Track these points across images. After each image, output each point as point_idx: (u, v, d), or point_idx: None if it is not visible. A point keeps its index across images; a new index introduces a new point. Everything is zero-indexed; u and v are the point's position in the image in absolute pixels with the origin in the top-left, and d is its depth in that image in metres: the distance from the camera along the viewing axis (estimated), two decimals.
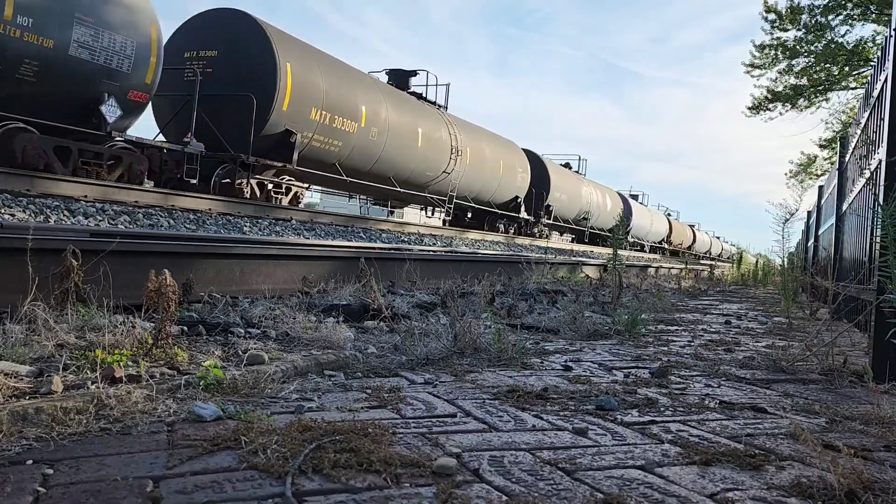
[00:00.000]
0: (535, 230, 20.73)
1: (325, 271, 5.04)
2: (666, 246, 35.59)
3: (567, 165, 25.27)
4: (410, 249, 7.19)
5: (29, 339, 2.26)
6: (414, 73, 15.76)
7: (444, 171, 15.23)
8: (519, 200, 19.28)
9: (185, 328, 2.92)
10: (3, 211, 5.54)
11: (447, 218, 17.33)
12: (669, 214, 40.65)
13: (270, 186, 11.24)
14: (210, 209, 8.63)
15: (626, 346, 3.55)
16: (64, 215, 6.11)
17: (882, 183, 2.92)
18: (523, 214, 19.45)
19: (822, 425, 2.00)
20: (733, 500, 1.32)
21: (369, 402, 1.96)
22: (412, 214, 22.11)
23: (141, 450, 1.43)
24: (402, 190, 14.16)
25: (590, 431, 1.77)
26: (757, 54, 22.04)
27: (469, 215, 18.43)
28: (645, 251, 30.92)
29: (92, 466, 1.32)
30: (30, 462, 1.33)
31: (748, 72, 22.48)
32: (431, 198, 15.66)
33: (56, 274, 2.77)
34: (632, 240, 29.54)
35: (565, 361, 2.91)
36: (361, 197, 16.03)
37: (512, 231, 19.38)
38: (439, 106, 16.20)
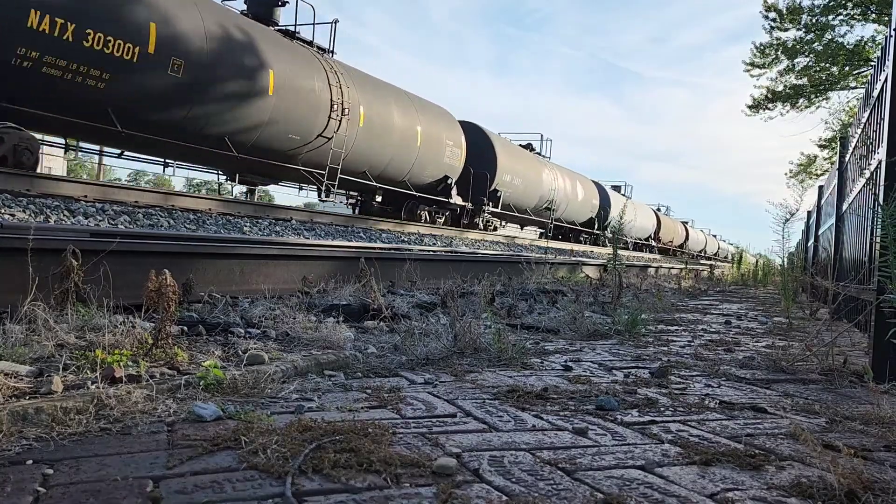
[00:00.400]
0: (478, 220, 16.80)
1: (325, 271, 5.04)
2: (654, 243, 32.99)
3: (529, 147, 21.24)
4: (410, 249, 7.19)
5: (29, 339, 2.26)
6: (281, 1, 11.36)
7: (320, 135, 10.96)
8: (450, 182, 14.98)
9: (185, 328, 2.92)
10: (3, 211, 5.54)
11: (348, 202, 14.20)
12: (658, 209, 37.58)
13: None
14: (210, 209, 8.63)
15: (626, 346, 3.55)
16: (64, 215, 6.11)
17: (882, 183, 2.91)
18: (456, 200, 15.36)
19: (822, 425, 2.00)
20: (733, 500, 1.32)
21: (369, 402, 1.96)
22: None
23: (141, 450, 1.43)
24: (244, 156, 9.88)
25: (590, 431, 1.77)
26: (757, 53, 22.06)
27: (378, 198, 14.11)
28: (628, 248, 28.44)
29: (92, 466, 1.32)
30: (30, 462, 1.33)
31: (748, 70, 22.49)
32: (305, 171, 11.25)
33: (56, 274, 2.77)
34: (611, 234, 26.88)
35: (565, 361, 2.91)
36: (221, 171, 11.11)
37: (441, 221, 15.59)
38: (321, 49, 11.75)
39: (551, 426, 1.81)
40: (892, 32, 3.15)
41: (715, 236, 55.14)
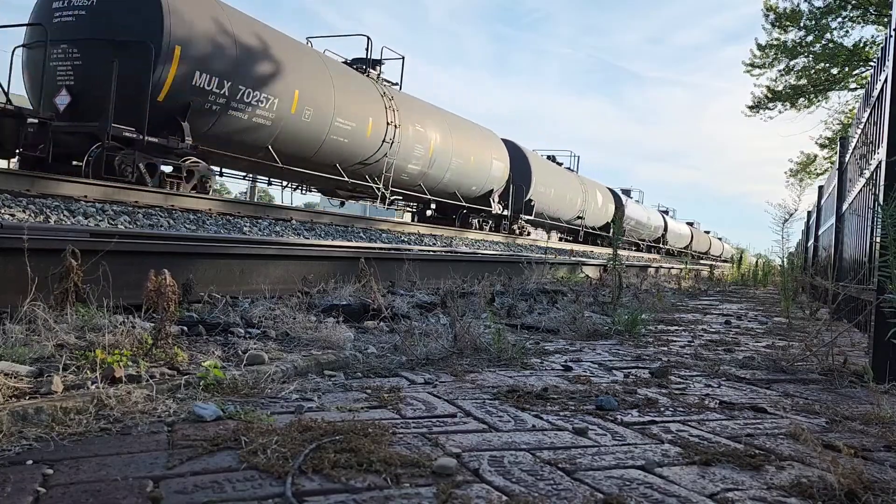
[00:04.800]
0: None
1: (325, 271, 5.04)
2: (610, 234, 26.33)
3: (359, 66, 13.04)
4: (410, 249, 7.19)
5: (29, 339, 2.26)
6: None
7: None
8: None
9: (185, 328, 2.92)
10: (3, 211, 5.53)
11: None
12: (629, 193, 29.74)
13: None
14: (210, 209, 8.62)
15: (626, 346, 3.55)
16: (64, 215, 6.10)
17: (882, 183, 2.92)
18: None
19: (822, 425, 2.00)
20: (733, 500, 1.32)
21: (369, 402, 1.96)
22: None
23: (141, 450, 1.43)
24: None
25: (590, 431, 1.77)
26: (757, 54, 22.11)
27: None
28: (578, 239, 22.59)
29: (92, 466, 1.32)
30: (30, 462, 1.33)
31: (748, 71, 22.53)
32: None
33: (56, 274, 2.77)
34: (528, 219, 19.39)
35: (565, 361, 2.91)
36: None
37: None
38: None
39: (551, 426, 1.81)
40: (892, 33, 3.15)
41: (707, 232, 48.74)
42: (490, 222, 18.16)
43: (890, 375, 2.67)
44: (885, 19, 17.30)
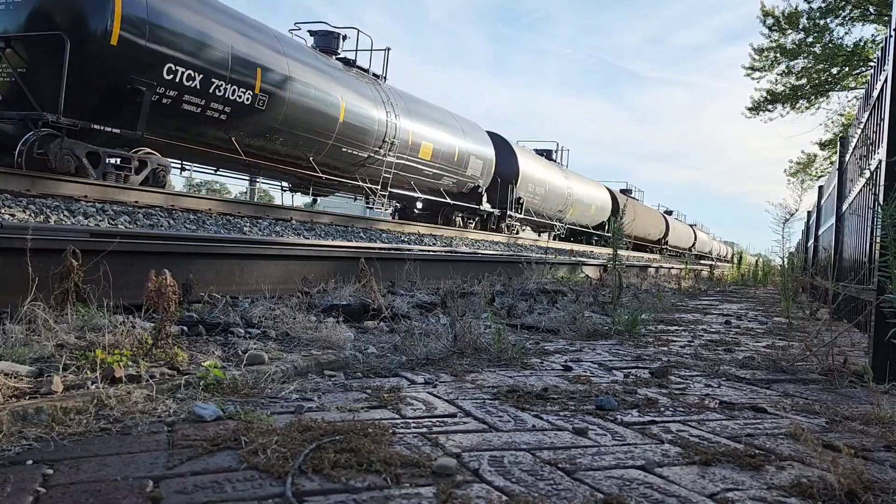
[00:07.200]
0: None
1: (325, 271, 5.04)
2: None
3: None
4: (410, 249, 7.19)
5: (29, 339, 2.26)
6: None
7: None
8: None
9: (185, 328, 2.92)
10: (3, 211, 5.53)
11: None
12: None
13: None
14: (210, 209, 8.63)
15: (626, 346, 3.55)
16: (64, 215, 6.10)
17: (882, 183, 2.92)
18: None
19: (822, 425, 2.00)
20: (733, 500, 1.32)
21: (369, 402, 1.96)
22: None
23: (141, 450, 1.43)
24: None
25: (590, 431, 1.77)
26: (756, 57, 22.13)
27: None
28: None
29: (92, 466, 1.32)
30: (30, 462, 1.33)
31: (748, 74, 22.56)
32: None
33: (56, 274, 2.77)
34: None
35: (565, 361, 2.91)
36: None
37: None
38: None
39: (551, 426, 1.81)
40: (892, 33, 3.15)
41: (670, 213, 38.02)
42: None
43: (890, 375, 2.67)
44: (885, 19, 17.30)
